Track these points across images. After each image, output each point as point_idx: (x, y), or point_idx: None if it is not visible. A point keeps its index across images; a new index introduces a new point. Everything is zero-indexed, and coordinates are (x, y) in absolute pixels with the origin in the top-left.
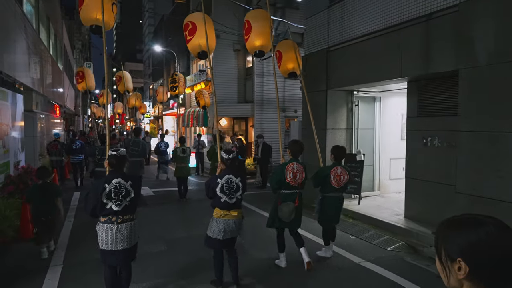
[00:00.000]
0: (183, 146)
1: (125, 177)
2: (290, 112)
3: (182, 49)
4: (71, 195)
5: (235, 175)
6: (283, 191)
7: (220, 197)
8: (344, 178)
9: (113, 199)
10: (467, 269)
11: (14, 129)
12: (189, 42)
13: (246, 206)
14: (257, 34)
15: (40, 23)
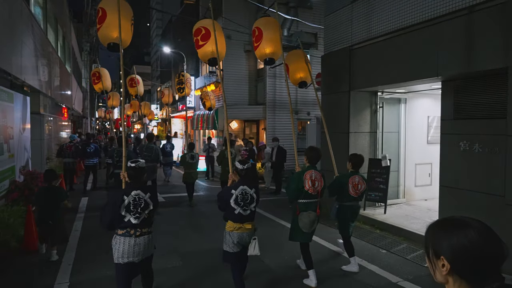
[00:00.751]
0: (192, 152)
1: (144, 189)
2: (303, 115)
3: (191, 51)
4: (78, 201)
5: (250, 186)
6: (301, 200)
7: (234, 208)
8: (361, 187)
9: (131, 212)
10: (449, 266)
11: (21, 132)
12: (201, 47)
13: (261, 214)
14: (268, 41)
15: (48, 24)
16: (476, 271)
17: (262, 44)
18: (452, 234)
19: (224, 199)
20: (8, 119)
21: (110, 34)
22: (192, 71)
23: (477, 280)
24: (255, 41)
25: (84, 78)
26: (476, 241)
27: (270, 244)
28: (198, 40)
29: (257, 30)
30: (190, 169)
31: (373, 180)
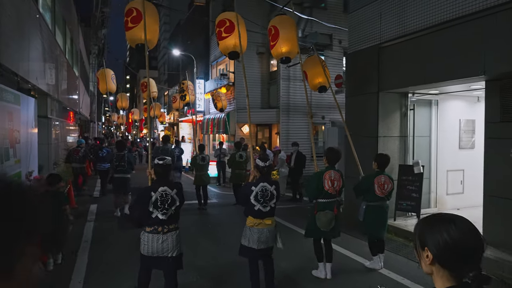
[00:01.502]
0: (202, 154)
1: (170, 185)
2: (318, 119)
3: (201, 54)
4: (87, 207)
5: (270, 183)
6: (320, 200)
7: (253, 205)
8: (388, 186)
9: (159, 208)
10: (431, 256)
11: (27, 136)
12: (224, 39)
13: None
14: (284, 40)
15: (56, 26)
16: (456, 262)
17: (279, 43)
18: (435, 228)
19: (245, 195)
20: (14, 122)
21: (138, 36)
22: (202, 74)
23: (457, 269)
24: (271, 40)
25: (91, 82)
26: (456, 235)
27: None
28: (221, 31)
29: (273, 28)
30: (201, 171)
31: (404, 188)
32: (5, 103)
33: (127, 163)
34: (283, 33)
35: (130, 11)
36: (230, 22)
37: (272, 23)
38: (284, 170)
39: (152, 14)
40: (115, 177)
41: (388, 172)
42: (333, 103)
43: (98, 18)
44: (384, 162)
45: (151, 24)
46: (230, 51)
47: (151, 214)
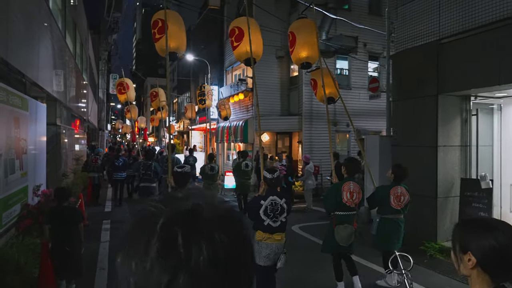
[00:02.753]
0: (211, 164)
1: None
2: (342, 126)
3: (214, 59)
4: (99, 225)
5: (280, 196)
6: (338, 213)
7: (263, 219)
8: (405, 198)
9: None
10: (475, 261)
11: (35, 145)
12: (236, 48)
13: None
14: (303, 44)
15: (67, 29)
16: (500, 268)
17: (297, 48)
18: (482, 233)
19: (253, 209)
20: (21, 130)
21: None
22: (216, 80)
23: (499, 275)
24: (290, 45)
25: (101, 88)
26: (504, 241)
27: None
28: (232, 41)
29: (291, 34)
30: (210, 181)
31: (468, 205)
32: (12, 108)
33: (153, 172)
34: (301, 38)
35: (156, 22)
36: (239, 30)
37: (291, 29)
38: (311, 182)
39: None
40: (141, 186)
41: (447, 187)
42: (358, 110)
43: (109, 22)
44: (402, 175)
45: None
46: (244, 58)
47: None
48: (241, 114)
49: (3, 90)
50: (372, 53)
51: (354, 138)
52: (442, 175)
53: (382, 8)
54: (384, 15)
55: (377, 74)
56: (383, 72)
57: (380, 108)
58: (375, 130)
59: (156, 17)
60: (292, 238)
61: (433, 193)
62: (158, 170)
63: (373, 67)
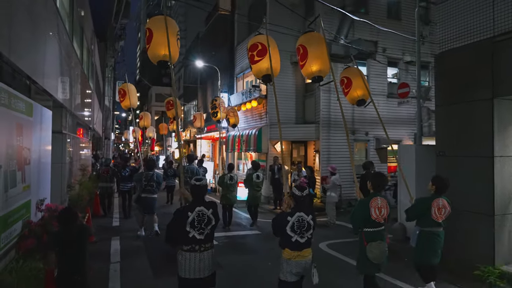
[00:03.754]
0: (231, 173)
1: (206, 205)
2: (361, 135)
3: (224, 66)
4: (108, 242)
5: (307, 212)
6: (367, 229)
7: (290, 236)
8: (446, 211)
9: (196, 228)
10: None
11: (39, 154)
12: (256, 63)
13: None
14: (314, 58)
15: (74, 33)
16: None
17: (308, 62)
18: None
19: (279, 226)
20: (25, 138)
21: (158, 52)
22: (225, 87)
23: None
24: (300, 60)
25: (107, 96)
26: None
27: None
28: (253, 55)
29: (301, 48)
30: (228, 191)
31: None
32: (14, 113)
33: (156, 183)
34: (311, 51)
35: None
36: (262, 46)
37: (300, 42)
38: (334, 195)
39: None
40: (142, 196)
41: (506, 203)
42: (377, 118)
43: (116, 29)
44: (444, 187)
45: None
46: (263, 75)
47: (188, 234)
48: (254, 122)
49: (5, 92)
50: (392, 59)
51: (373, 148)
52: (499, 190)
53: (401, 12)
54: (403, 19)
55: (397, 81)
56: (403, 79)
57: (400, 116)
58: (396, 139)
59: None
60: (322, 257)
61: (489, 210)
62: (161, 181)
63: (392, 73)
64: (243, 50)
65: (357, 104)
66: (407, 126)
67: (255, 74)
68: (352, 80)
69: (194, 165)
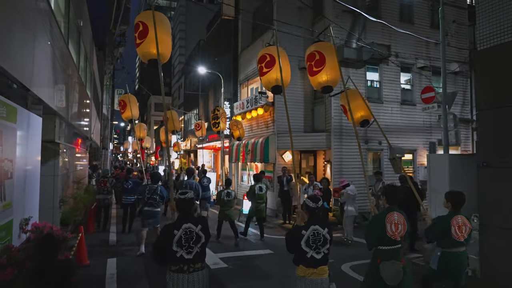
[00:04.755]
0: (228, 189)
1: (194, 221)
2: (374, 144)
3: (227, 73)
4: (103, 263)
5: (322, 225)
6: (382, 247)
7: (305, 251)
8: (466, 228)
9: (183, 246)
10: None
11: (25, 167)
12: (265, 75)
13: None
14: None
15: (70, 37)
16: None
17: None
18: None
19: (293, 241)
20: (5, 147)
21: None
22: (228, 94)
23: None
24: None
25: (105, 105)
26: None
27: None
28: (262, 67)
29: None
30: (226, 207)
31: None
32: None
33: (159, 196)
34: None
35: (137, 25)
36: (271, 57)
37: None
38: (352, 208)
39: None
40: (145, 209)
41: None
42: (391, 126)
43: (115, 35)
44: (460, 201)
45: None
46: (272, 86)
47: (175, 254)
48: (259, 131)
49: None
50: (404, 64)
51: (387, 157)
52: None
53: (413, 16)
54: (416, 23)
55: (410, 87)
56: (416, 85)
57: (415, 124)
58: (410, 148)
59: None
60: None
61: None
62: (164, 194)
63: (404, 79)
64: (247, 56)
65: (361, 125)
66: (421, 134)
67: (265, 85)
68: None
69: (193, 180)
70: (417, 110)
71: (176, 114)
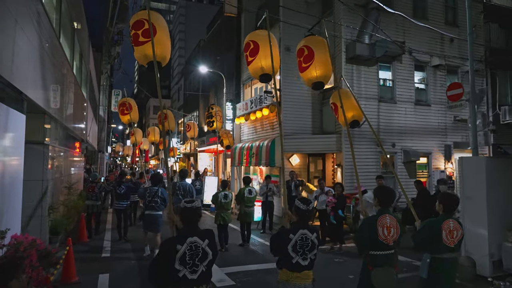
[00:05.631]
0: (225, 191)
1: (200, 235)
2: (387, 147)
3: (229, 73)
4: (94, 279)
5: (311, 230)
6: (374, 252)
7: (291, 256)
8: (458, 233)
9: (187, 264)
10: None
11: (3, 171)
12: (250, 64)
13: None
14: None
15: (62, 30)
16: None
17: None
18: None
19: (280, 244)
20: None
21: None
22: (231, 95)
23: None
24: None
25: (102, 106)
26: None
27: None
28: (247, 56)
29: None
30: (223, 209)
31: None
32: None
33: (160, 199)
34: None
35: (140, 23)
36: (254, 43)
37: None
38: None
39: (162, 27)
40: (146, 214)
41: None
42: (405, 128)
43: (112, 33)
44: (453, 204)
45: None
46: (259, 74)
47: (177, 273)
48: (264, 133)
49: None
50: (419, 62)
51: (400, 161)
52: None
53: (427, 12)
54: (430, 19)
55: (424, 86)
56: (430, 84)
57: (430, 125)
58: (424, 151)
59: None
60: None
61: None
62: (166, 197)
63: (418, 78)
64: None
65: (351, 126)
66: (436, 136)
67: (253, 75)
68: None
69: (186, 182)
70: (431, 111)
71: (171, 114)
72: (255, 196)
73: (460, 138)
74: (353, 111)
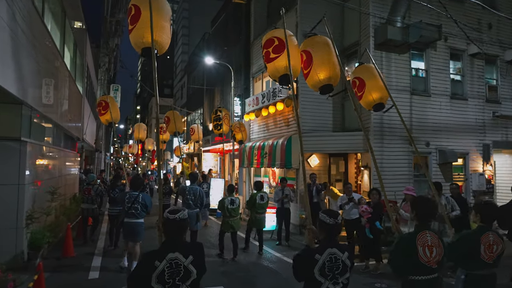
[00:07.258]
0: (231, 196)
1: (184, 250)
2: (420, 146)
3: (238, 65)
4: None
5: (341, 249)
6: (413, 277)
7: (319, 282)
8: (498, 248)
9: (166, 284)
10: None
11: None
12: (272, 61)
13: None
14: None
15: (48, 8)
16: None
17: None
18: None
19: (305, 267)
20: None
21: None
22: (239, 90)
23: None
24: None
25: None
26: None
27: None
28: (269, 52)
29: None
30: (230, 217)
31: None
32: None
33: (141, 205)
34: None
35: (130, 10)
36: (280, 41)
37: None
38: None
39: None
40: (125, 222)
41: None
42: (439, 124)
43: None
44: (492, 214)
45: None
46: (281, 75)
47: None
48: (278, 130)
49: None
50: (455, 50)
51: (435, 162)
52: None
53: None
54: (466, 1)
55: (460, 78)
56: (467, 75)
57: (466, 122)
58: (461, 152)
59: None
60: None
61: None
62: (148, 203)
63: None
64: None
65: (374, 110)
66: (474, 135)
67: (271, 74)
68: (365, 80)
69: (196, 186)
70: (469, 105)
71: (178, 114)
72: (267, 202)
73: (500, 137)
74: (378, 92)
